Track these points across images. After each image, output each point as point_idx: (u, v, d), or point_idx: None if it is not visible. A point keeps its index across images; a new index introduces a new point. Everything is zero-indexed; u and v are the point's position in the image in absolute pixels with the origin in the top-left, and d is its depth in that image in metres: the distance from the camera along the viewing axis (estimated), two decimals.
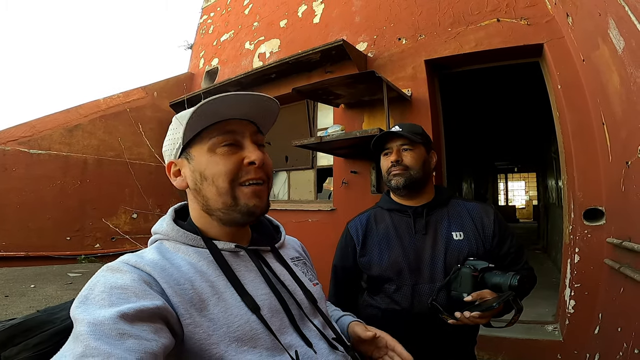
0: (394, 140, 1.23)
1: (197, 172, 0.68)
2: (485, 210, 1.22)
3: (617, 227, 2.11)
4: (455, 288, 1.04)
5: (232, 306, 0.62)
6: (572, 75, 2.48)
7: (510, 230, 1.23)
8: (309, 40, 4.05)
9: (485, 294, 0.98)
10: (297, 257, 0.84)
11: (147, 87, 5.09)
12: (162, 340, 0.50)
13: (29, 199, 4.03)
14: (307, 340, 0.67)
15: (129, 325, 0.48)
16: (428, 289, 1.11)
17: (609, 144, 2.13)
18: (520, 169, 14.80)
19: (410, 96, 3.13)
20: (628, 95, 1.71)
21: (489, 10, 2.90)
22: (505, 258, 1.18)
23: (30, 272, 3.13)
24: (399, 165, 1.19)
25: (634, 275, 1.71)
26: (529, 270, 1.19)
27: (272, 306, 0.66)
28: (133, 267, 0.59)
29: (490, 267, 1.02)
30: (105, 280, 0.55)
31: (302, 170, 4.23)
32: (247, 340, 0.60)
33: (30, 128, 4.12)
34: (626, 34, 1.59)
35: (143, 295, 0.53)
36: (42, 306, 2.19)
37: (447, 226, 1.19)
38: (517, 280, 0.94)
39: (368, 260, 1.21)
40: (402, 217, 1.23)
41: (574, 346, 2.40)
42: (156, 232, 0.71)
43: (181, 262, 0.64)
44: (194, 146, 0.68)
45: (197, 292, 0.60)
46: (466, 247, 1.14)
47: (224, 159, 0.67)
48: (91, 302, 0.51)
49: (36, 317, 0.67)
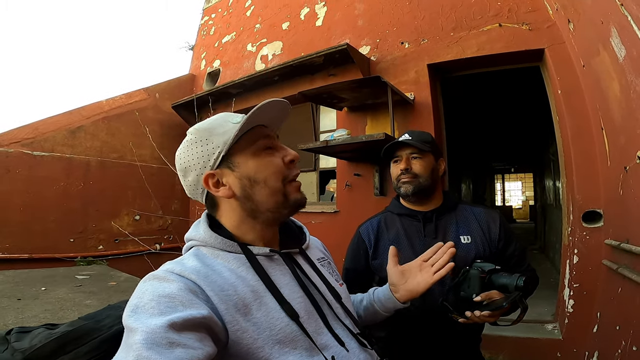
0: (403, 149, 1.27)
1: (245, 178, 0.70)
2: (492, 216, 1.28)
3: (615, 230, 2.17)
4: (464, 289, 1.07)
5: (272, 310, 0.64)
6: (572, 80, 2.54)
7: (514, 234, 1.28)
8: (311, 43, 4.08)
9: (493, 295, 1.02)
10: (322, 257, 0.87)
11: (149, 88, 5.08)
12: (206, 349, 0.51)
13: (32, 200, 4.02)
14: (340, 340, 0.70)
15: (177, 334, 0.49)
16: (438, 289, 1.13)
17: (608, 149, 2.19)
18: (517, 169, 14.90)
19: (413, 100, 3.18)
20: (627, 102, 1.77)
21: (491, 15, 2.95)
22: (510, 260, 1.24)
23: (38, 274, 3.14)
24: (408, 173, 1.24)
25: (632, 276, 1.76)
26: (531, 271, 1.25)
27: (307, 309, 0.69)
28: (178, 275, 0.60)
29: (497, 269, 1.06)
30: (153, 289, 0.56)
31: (305, 172, 4.26)
32: (289, 342, 0.62)
33: (33, 130, 4.11)
34: (628, 43, 1.64)
35: (190, 305, 0.54)
36: (57, 309, 2.22)
37: (456, 230, 1.24)
38: (522, 281, 0.98)
39: (380, 262, 1.24)
40: (412, 222, 1.27)
41: (573, 345, 2.46)
42: (191, 239, 0.72)
43: (222, 268, 0.65)
44: (236, 154, 0.71)
45: (241, 297, 0.62)
46: (473, 250, 1.20)
47: (272, 160, 0.72)
48: (142, 310, 0.52)
49: (84, 325, 0.69)
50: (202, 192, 0.73)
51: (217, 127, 0.72)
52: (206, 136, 0.71)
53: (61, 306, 2.24)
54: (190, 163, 0.71)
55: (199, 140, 0.71)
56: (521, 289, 0.98)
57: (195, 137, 0.71)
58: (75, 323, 0.71)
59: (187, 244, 0.73)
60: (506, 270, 1.07)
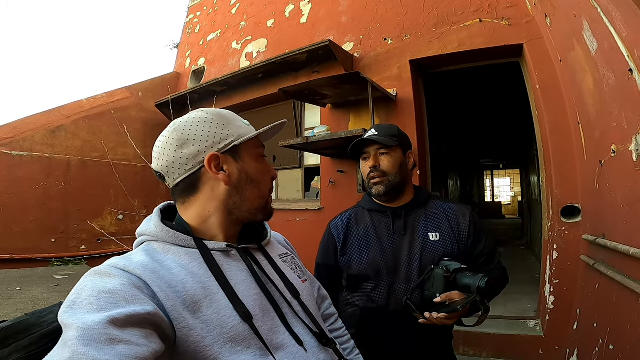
0: (371, 145, 1.24)
1: (244, 173, 0.73)
2: (462, 212, 1.25)
3: (592, 224, 2.18)
4: (428, 288, 1.07)
5: (224, 307, 0.62)
6: (550, 75, 2.55)
7: (484, 231, 1.25)
8: (296, 40, 4.05)
9: (453, 296, 1.01)
10: (285, 253, 0.85)
11: (131, 87, 5.02)
12: (152, 346, 0.49)
13: (12, 201, 3.95)
14: (298, 339, 0.68)
15: (119, 331, 0.47)
16: (404, 288, 1.14)
17: (584, 143, 2.20)
18: (505, 165, 15.04)
19: (396, 96, 3.17)
20: (601, 96, 1.77)
21: (472, 11, 2.96)
22: (479, 258, 1.22)
23: (16, 274, 3.08)
24: (377, 171, 1.21)
25: (608, 272, 1.76)
26: (501, 270, 1.23)
27: (263, 307, 0.67)
28: (122, 270, 0.57)
29: (462, 268, 1.05)
30: (93, 284, 0.53)
31: (290, 169, 4.24)
32: (241, 341, 0.60)
33: (12, 129, 4.03)
34: (599, 36, 1.64)
35: (133, 300, 0.52)
36: (29, 308, 2.18)
37: (425, 227, 1.21)
38: (484, 283, 0.97)
39: (348, 259, 1.23)
40: (381, 218, 1.25)
41: (555, 341, 2.47)
42: (142, 234, 0.70)
43: (172, 263, 0.63)
44: (244, 149, 0.74)
45: (190, 294, 0.60)
46: (442, 248, 1.17)
47: (266, 168, 0.78)
48: (79, 306, 0.50)
49: (25, 320, 0.68)
50: (189, 169, 0.70)
51: (234, 120, 0.75)
52: (224, 122, 0.73)
53: (34, 306, 2.20)
54: (197, 137, 0.70)
55: (215, 122, 0.72)
56: (483, 290, 0.97)
57: (212, 118, 0.73)
58: (18, 319, 0.70)
59: (138, 239, 0.71)
60: (472, 269, 1.06)
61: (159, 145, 0.71)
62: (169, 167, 0.70)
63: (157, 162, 0.71)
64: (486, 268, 1.20)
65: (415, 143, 3.05)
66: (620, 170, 1.66)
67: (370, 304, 1.18)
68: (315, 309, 0.80)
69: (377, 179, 1.21)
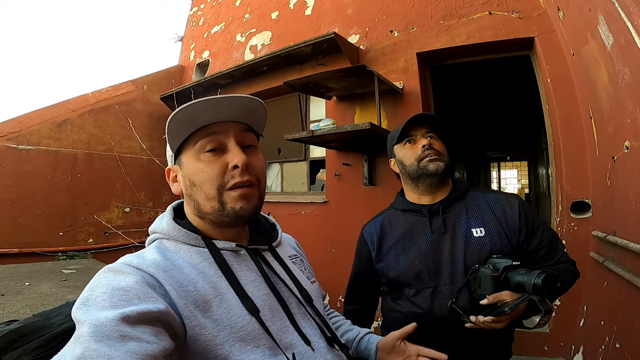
0: (417, 128, 1.15)
1: (187, 179, 0.69)
2: (508, 201, 1.11)
3: (602, 221, 2.15)
4: (475, 289, 0.99)
5: (234, 307, 0.62)
6: (561, 69, 2.50)
7: (540, 221, 1.11)
8: (300, 32, 4.00)
9: (504, 296, 0.92)
10: (294, 254, 0.85)
11: (136, 80, 5.00)
12: (162, 343, 0.50)
13: (20, 195, 3.98)
14: (307, 339, 0.68)
15: (131, 328, 0.48)
16: (449, 291, 1.05)
17: (596, 138, 2.16)
18: (512, 157, 14.88)
19: (402, 89, 3.12)
20: (615, 91, 1.73)
21: (481, 3, 2.89)
22: (537, 252, 1.08)
23: (25, 269, 3.11)
24: (432, 149, 1.11)
25: (617, 270, 1.74)
26: (566, 263, 1.09)
27: (272, 306, 0.67)
28: (135, 268, 0.58)
29: (514, 264, 0.95)
30: (107, 281, 0.54)
31: (295, 162, 4.23)
32: (250, 340, 0.61)
33: (18, 124, 4.04)
34: (615, 31, 1.60)
35: (146, 298, 0.53)
36: (38, 304, 2.20)
37: (466, 222, 1.10)
38: (541, 280, 0.85)
39: (385, 265, 1.16)
40: (417, 218, 1.15)
41: (560, 338, 2.45)
42: (155, 231, 0.70)
43: (183, 263, 0.64)
44: (184, 152, 0.69)
45: (200, 293, 0.60)
46: (488, 244, 1.05)
47: (208, 165, 0.66)
48: (92, 303, 0.50)
49: (33, 322, 0.68)
50: None
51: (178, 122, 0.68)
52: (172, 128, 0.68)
53: (42, 302, 2.22)
54: (167, 152, 0.75)
55: (169, 134, 0.69)
56: (539, 288, 0.86)
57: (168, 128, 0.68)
58: (26, 320, 0.70)
59: (150, 236, 0.71)
60: (526, 266, 0.96)
61: None
62: None
63: None
64: (547, 263, 1.07)
65: None
66: (633, 166, 1.64)
67: (414, 309, 1.09)
68: (323, 310, 0.80)
69: (434, 156, 1.11)
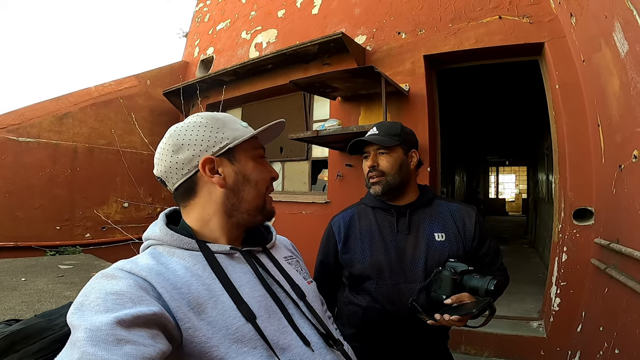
0: (370, 144, 1.22)
1: (240, 174, 0.74)
2: (467, 212, 1.23)
3: (605, 229, 2.15)
4: (435, 290, 1.07)
5: (229, 308, 0.63)
6: (570, 75, 2.49)
7: (489, 232, 1.25)
8: (307, 31, 3.99)
9: (464, 297, 1.01)
10: (289, 255, 0.87)
11: (140, 75, 4.97)
12: (159, 346, 0.50)
13: (18, 187, 3.93)
14: (306, 340, 0.69)
15: (126, 331, 0.48)
16: (408, 288, 1.13)
17: (603, 146, 2.16)
18: (511, 162, 14.95)
19: (408, 91, 3.12)
20: (627, 99, 1.73)
21: (491, 7, 2.88)
22: (484, 259, 1.22)
23: (20, 264, 3.07)
24: (375, 171, 1.20)
25: (620, 277, 1.75)
26: (503, 271, 1.25)
27: (268, 307, 0.68)
28: (128, 272, 0.58)
29: (469, 269, 1.05)
30: (100, 286, 0.54)
31: (297, 161, 4.21)
32: (247, 342, 0.61)
33: (19, 116, 4.00)
34: (631, 38, 1.60)
35: (139, 301, 0.53)
36: (34, 301, 2.17)
37: (430, 227, 1.20)
38: (494, 285, 0.97)
39: (350, 257, 1.22)
40: (385, 216, 1.23)
41: (557, 343, 2.46)
42: (148, 238, 0.71)
43: (177, 266, 0.64)
44: (240, 151, 0.74)
45: (194, 295, 0.61)
46: (447, 248, 1.16)
47: (265, 168, 0.78)
48: (87, 308, 0.51)
49: (35, 324, 0.67)
50: (185, 173, 0.72)
51: (229, 122, 0.75)
52: (218, 125, 0.74)
53: (39, 298, 2.18)
54: (191, 142, 0.72)
55: (209, 126, 0.73)
56: (491, 293, 0.97)
57: (207, 122, 0.74)
58: (28, 321, 0.69)
59: (144, 243, 0.72)
60: (479, 271, 1.06)
61: (158, 151, 0.74)
62: (167, 172, 0.73)
63: (157, 167, 0.75)
64: (490, 269, 1.21)
65: (426, 139, 3.01)
66: None
67: (373, 304, 1.17)
68: (320, 310, 0.81)
69: (375, 179, 1.20)
